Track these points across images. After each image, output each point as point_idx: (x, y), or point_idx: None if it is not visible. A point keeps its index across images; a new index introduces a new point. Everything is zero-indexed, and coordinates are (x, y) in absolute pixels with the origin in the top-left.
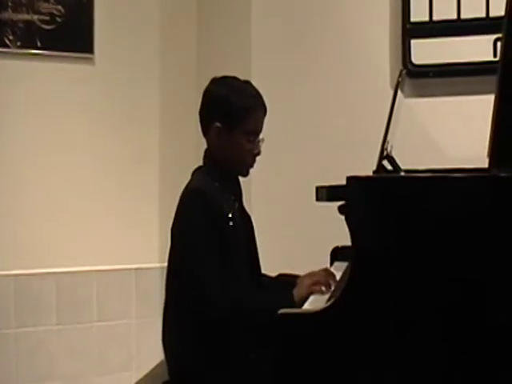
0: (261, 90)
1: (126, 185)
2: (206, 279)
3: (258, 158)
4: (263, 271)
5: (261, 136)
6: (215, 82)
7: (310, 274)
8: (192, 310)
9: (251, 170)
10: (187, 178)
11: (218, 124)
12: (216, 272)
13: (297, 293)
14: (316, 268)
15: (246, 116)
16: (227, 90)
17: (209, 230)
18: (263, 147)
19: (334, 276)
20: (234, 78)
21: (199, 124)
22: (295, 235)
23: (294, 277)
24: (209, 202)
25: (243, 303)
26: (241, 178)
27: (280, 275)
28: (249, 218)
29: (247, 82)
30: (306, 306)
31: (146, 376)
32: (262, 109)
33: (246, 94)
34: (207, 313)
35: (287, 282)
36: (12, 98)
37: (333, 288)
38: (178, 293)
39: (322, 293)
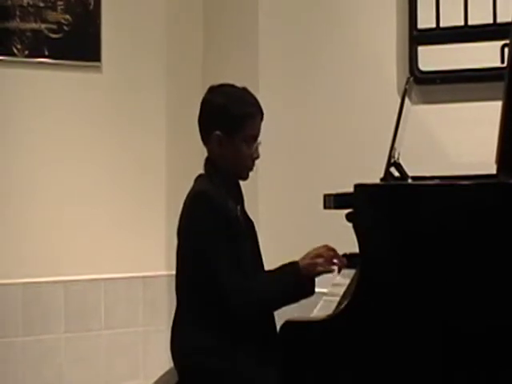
0: (267, 98)
1: (132, 193)
2: (224, 283)
3: (265, 166)
4: None
5: (258, 140)
6: (213, 90)
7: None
8: (209, 308)
9: (257, 178)
10: None
11: (218, 132)
12: (233, 269)
13: (301, 261)
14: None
15: (245, 123)
16: (225, 99)
17: (218, 232)
18: (270, 155)
19: (334, 251)
20: (231, 86)
21: (199, 133)
22: (302, 243)
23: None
24: (214, 205)
25: (256, 294)
26: (246, 186)
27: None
28: (252, 223)
29: (244, 89)
30: (314, 314)
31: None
32: (260, 114)
33: (244, 102)
34: (228, 310)
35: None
36: (19, 106)
37: (335, 266)
38: (192, 294)
39: (324, 266)
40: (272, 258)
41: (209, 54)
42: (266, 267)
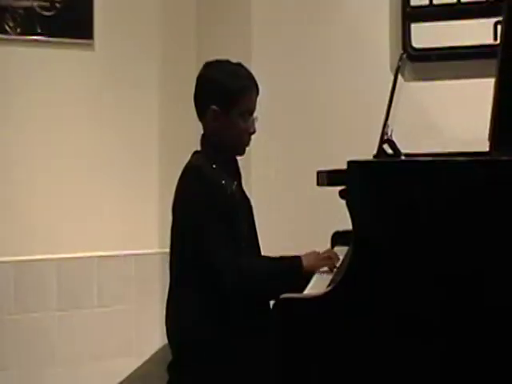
0: (261, 76)
1: (125, 171)
2: (218, 257)
3: (259, 144)
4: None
5: (254, 115)
6: (208, 66)
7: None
8: (203, 284)
9: (250, 155)
10: None
11: (214, 107)
12: (226, 246)
13: (305, 259)
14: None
15: (240, 97)
16: (221, 74)
17: (212, 209)
18: (264, 132)
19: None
20: (227, 62)
21: (194, 108)
22: (296, 220)
23: (296, 256)
24: (208, 181)
25: (255, 272)
26: (241, 163)
27: (281, 257)
28: (248, 200)
29: (239, 64)
30: (307, 291)
31: (147, 362)
32: (255, 89)
33: (239, 76)
34: (220, 285)
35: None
36: (12, 84)
37: (338, 264)
38: (187, 271)
39: (330, 265)
40: (266, 235)
41: (203, 32)
42: (261, 244)
